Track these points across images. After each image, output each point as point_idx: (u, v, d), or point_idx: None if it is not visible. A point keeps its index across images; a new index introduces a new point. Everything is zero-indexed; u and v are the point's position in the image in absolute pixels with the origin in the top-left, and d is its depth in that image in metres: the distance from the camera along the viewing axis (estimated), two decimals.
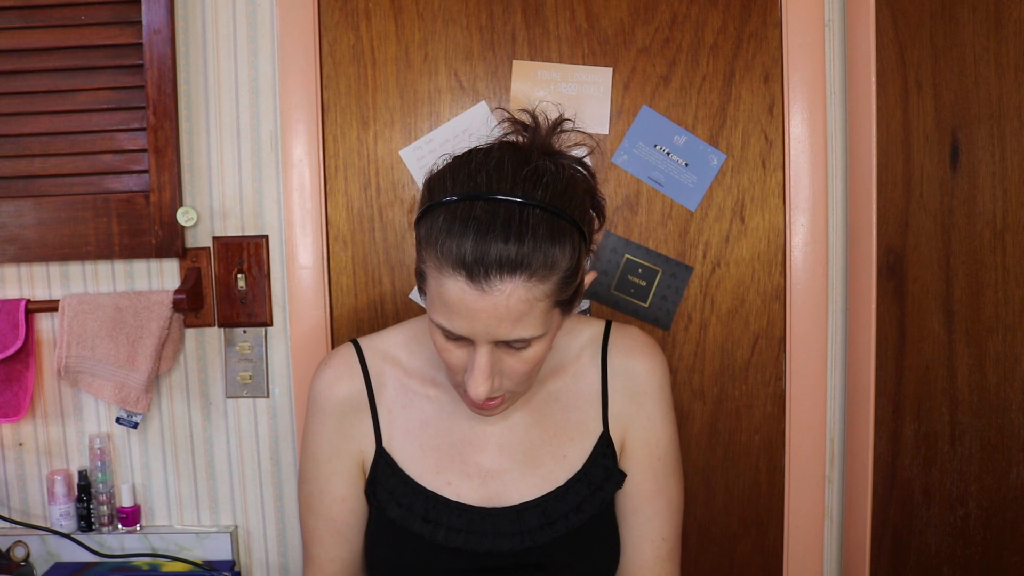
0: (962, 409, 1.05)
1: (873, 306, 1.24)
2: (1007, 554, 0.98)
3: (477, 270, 0.76)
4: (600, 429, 0.98)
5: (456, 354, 0.84)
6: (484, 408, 0.89)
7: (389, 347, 1.01)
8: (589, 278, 0.88)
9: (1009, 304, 0.95)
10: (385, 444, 0.97)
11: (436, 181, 0.85)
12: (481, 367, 0.81)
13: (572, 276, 0.81)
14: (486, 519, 0.93)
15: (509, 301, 0.77)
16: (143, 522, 1.41)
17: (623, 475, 0.98)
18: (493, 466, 0.96)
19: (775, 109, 1.32)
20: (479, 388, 0.82)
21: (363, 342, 1.01)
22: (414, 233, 0.89)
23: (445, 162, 0.88)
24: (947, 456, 1.09)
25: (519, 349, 0.82)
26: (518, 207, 0.78)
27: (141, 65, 1.31)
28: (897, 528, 1.21)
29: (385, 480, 0.96)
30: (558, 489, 0.95)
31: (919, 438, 1.15)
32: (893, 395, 1.20)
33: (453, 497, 0.94)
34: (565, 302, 0.83)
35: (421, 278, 0.85)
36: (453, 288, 0.77)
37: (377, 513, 0.97)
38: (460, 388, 0.89)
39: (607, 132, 1.33)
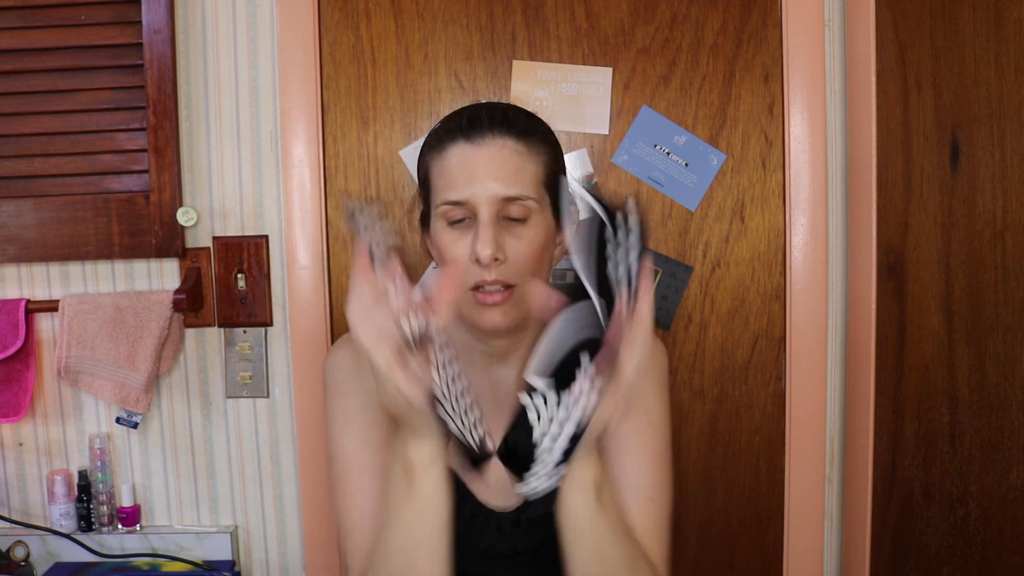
0: (962, 409, 1.05)
1: (873, 306, 1.24)
2: (1007, 554, 0.98)
3: (472, 131, 0.87)
4: None
5: (461, 244, 0.87)
6: (489, 302, 0.86)
7: None
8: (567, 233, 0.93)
9: (1009, 304, 0.95)
10: None
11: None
12: (486, 228, 0.84)
13: (554, 165, 0.90)
14: (489, 518, 0.93)
15: (503, 152, 0.86)
16: (143, 522, 1.41)
17: None
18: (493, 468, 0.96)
19: (775, 109, 1.32)
20: (485, 249, 0.83)
21: None
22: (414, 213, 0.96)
23: None
24: (947, 456, 1.09)
25: (519, 221, 0.86)
26: (500, 105, 0.91)
27: (141, 65, 1.31)
28: (897, 528, 1.21)
29: None
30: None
31: (919, 438, 1.15)
32: (893, 395, 1.20)
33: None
34: (553, 206, 0.90)
35: (422, 192, 0.92)
36: (453, 153, 0.87)
37: None
38: (472, 297, 0.86)
39: (607, 132, 1.33)
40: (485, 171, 0.85)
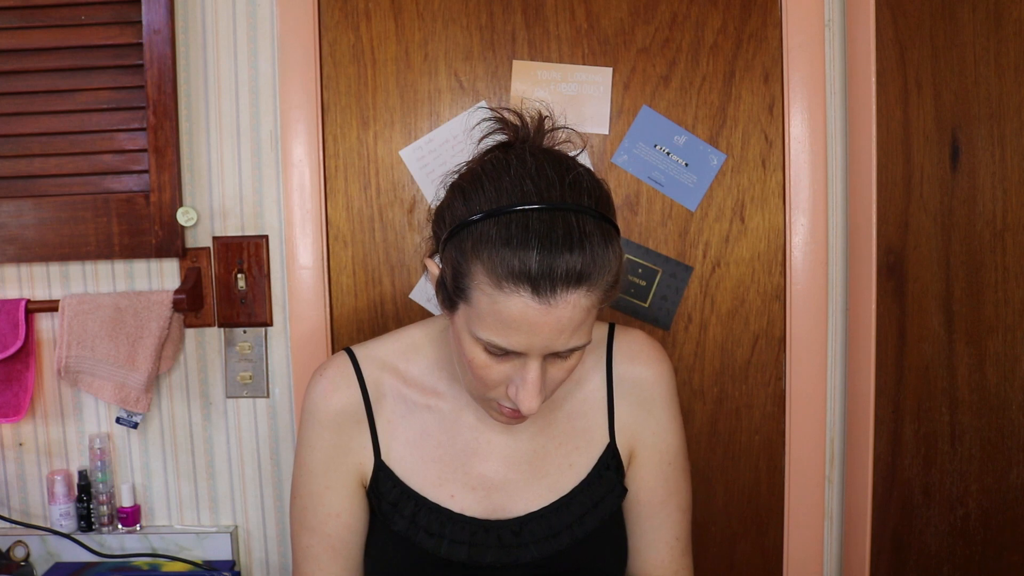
0: (962, 409, 1.05)
1: (873, 306, 1.24)
2: (1007, 554, 0.98)
3: (544, 285, 0.74)
4: (607, 440, 0.97)
5: (498, 370, 0.81)
6: (516, 419, 0.87)
7: (386, 355, 0.97)
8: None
9: (1009, 304, 0.95)
10: (384, 456, 0.95)
11: (472, 189, 0.80)
12: (535, 381, 0.79)
13: (617, 279, 0.80)
14: (489, 531, 0.92)
15: (573, 313, 0.76)
16: (143, 522, 1.41)
17: (625, 490, 0.98)
18: (497, 477, 0.94)
19: (775, 109, 1.32)
20: (533, 402, 0.80)
21: (358, 351, 0.97)
22: (433, 240, 0.87)
23: (465, 168, 0.85)
24: (947, 456, 1.09)
25: (565, 358, 0.82)
26: (573, 215, 0.76)
27: (141, 65, 1.31)
28: (897, 528, 1.21)
29: (387, 493, 0.94)
30: (562, 499, 0.94)
31: (919, 438, 1.15)
32: (893, 395, 1.20)
33: (456, 509, 0.93)
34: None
35: (456, 293, 0.80)
36: (515, 304, 0.75)
37: (381, 526, 0.95)
38: (491, 402, 0.87)
39: (607, 132, 1.33)
40: (549, 331, 0.76)
